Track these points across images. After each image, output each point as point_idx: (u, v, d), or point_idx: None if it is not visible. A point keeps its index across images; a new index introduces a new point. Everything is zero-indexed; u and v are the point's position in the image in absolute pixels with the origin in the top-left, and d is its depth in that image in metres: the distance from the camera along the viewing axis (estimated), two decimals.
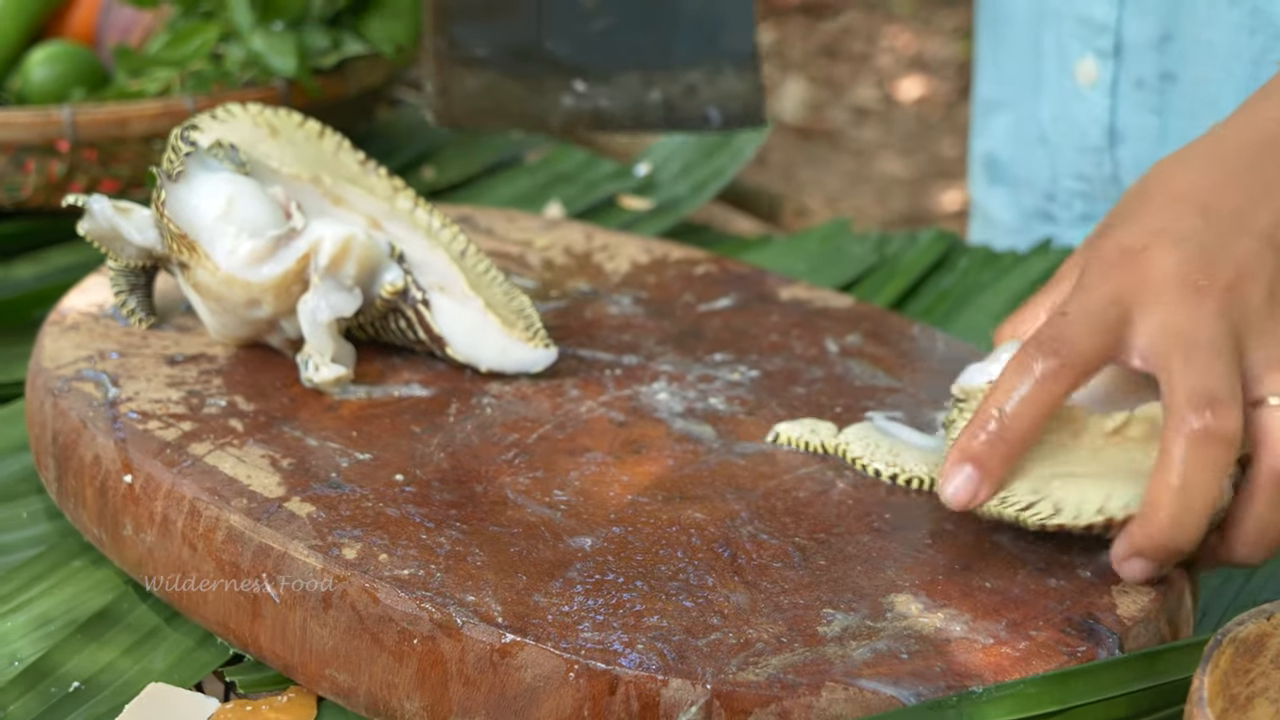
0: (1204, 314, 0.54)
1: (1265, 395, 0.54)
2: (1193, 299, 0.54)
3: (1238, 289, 0.55)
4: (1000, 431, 0.54)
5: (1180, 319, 0.54)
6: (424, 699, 0.52)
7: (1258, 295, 0.55)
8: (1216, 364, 0.53)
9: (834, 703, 0.49)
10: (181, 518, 0.57)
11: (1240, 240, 0.55)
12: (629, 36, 0.81)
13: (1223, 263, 0.55)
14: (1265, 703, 0.49)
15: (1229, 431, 0.52)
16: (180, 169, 0.63)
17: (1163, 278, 0.55)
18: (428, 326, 0.66)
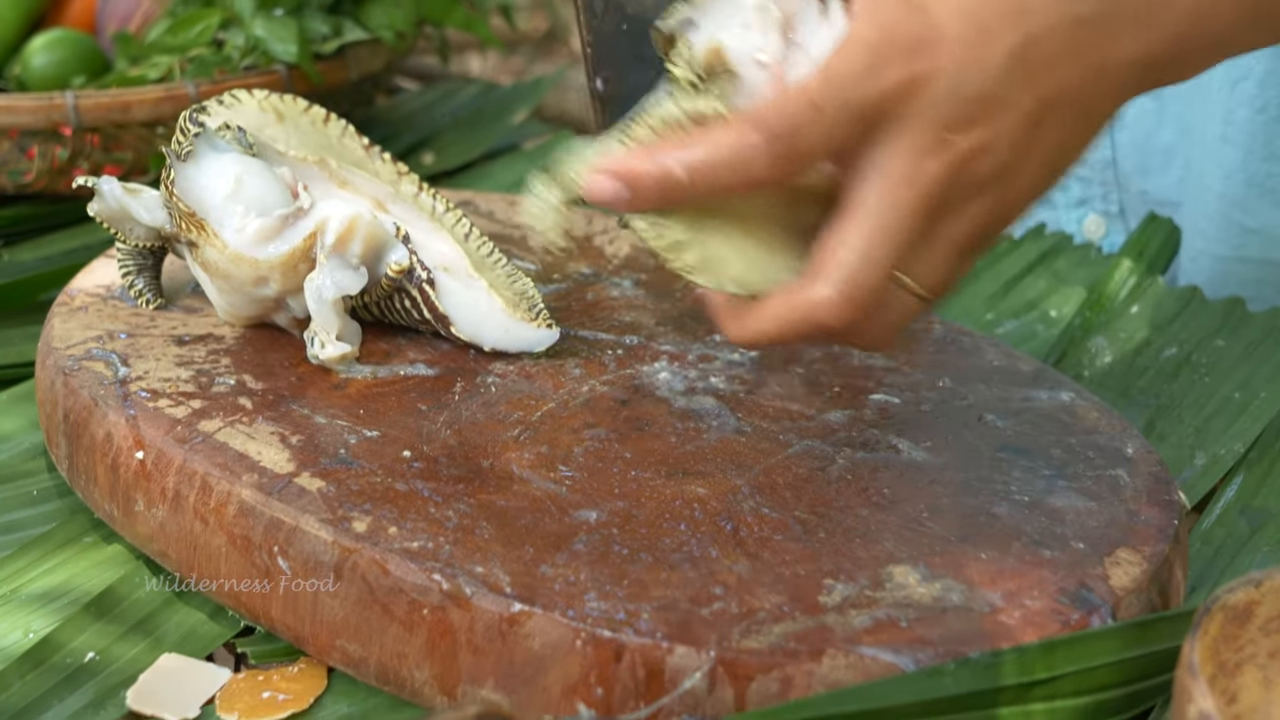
0: (923, 175, 0.50)
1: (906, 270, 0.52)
2: (926, 153, 0.50)
3: (974, 161, 0.50)
4: (670, 185, 0.50)
5: (899, 168, 0.50)
6: (433, 668, 0.53)
7: (986, 170, 0.51)
8: (887, 256, 0.50)
9: (835, 669, 0.50)
10: (193, 493, 0.58)
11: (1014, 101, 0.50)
12: None
13: (979, 123, 0.50)
14: (1253, 669, 0.51)
15: (844, 330, 0.52)
16: (189, 149, 0.64)
17: (919, 111, 0.50)
18: (432, 306, 0.67)
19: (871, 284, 0.51)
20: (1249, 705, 0.50)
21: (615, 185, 0.51)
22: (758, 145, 0.50)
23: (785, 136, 0.50)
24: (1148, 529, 0.59)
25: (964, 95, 0.50)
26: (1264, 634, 0.50)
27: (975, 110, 0.50)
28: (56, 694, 0.56)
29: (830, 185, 0.54)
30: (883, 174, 0.50)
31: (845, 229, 0.51)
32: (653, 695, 0.50)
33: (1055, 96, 0.51)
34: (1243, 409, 0.75)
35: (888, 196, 0.51)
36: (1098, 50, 0.51)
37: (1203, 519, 0.68)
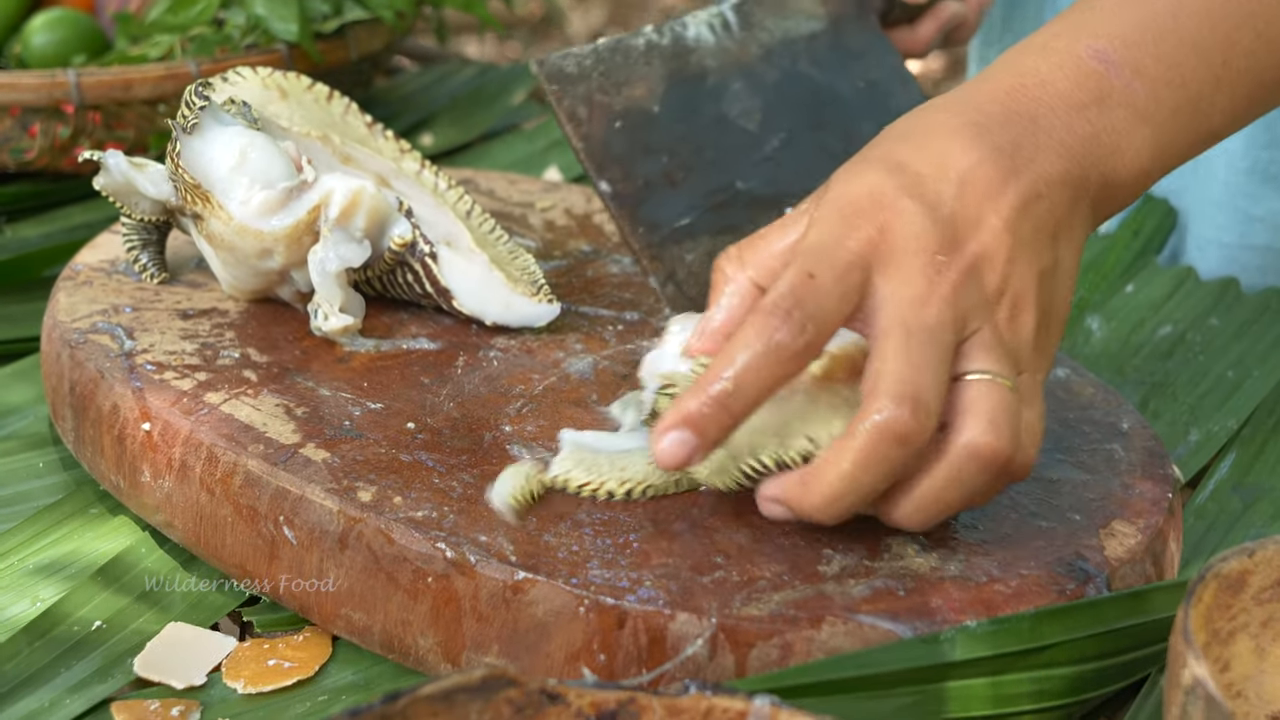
0: (933, 295, 0.52)
1: (966, 370, 0.52)
2: (928, 277, 0.52)
3: (974, 272, 0.53)
4: (725, 400, 0.51)
5: (909, 294, 0.52)
6: (438, 635, 0.54)
7: (990, 280, 0.53)
8: (931, 358, 0.51)
9: (834, 636, 0.51)
10: (200, 463, 0.59)
11: (987, 219, 0.53)
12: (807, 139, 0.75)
13: (965, 240, 0.53)
14: (1246, 637, 0.51)
15: (919, 437, 0.51)
16: (195, 122, 0.65)
17: (905, 244, 0.52)
18: (435, 279, 0.67)
19: (926, 385, 0.51)
20: (1241, 673, 0.51)
21: (681, 434, 0.51)
22: (778, 325, 0.51)
23: (797, 306, 0.51)
24: (1142, 501, 0.60)
25: (938, 220, 0.53)
26: (1257, 603, 0.51)
27: (954, 231, 0.53)
28: (64, 661, 0.56)
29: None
30: (897, 302, 0.52)
31: (882, 349, 0.52)
32: (655, 661, 0.51)
33: (1016, 209, 0.54)
34: (1236, 387, 0.76)
35: (909, 314, 0.52)
36: (1028, 167, 0.55)
37: (1196, 494, 0.69)
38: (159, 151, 0.93)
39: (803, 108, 0.75)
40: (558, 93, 0.70)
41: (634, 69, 0.71)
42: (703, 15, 0.74)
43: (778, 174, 0.73)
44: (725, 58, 0.73)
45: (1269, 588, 0.51)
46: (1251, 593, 0.51)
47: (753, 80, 0.74)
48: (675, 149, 0.71)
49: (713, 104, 0.73)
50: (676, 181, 0.70)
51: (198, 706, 0.54)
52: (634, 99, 0.71)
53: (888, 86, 0.77)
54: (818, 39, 0.76)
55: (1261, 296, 0.84)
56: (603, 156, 0.71)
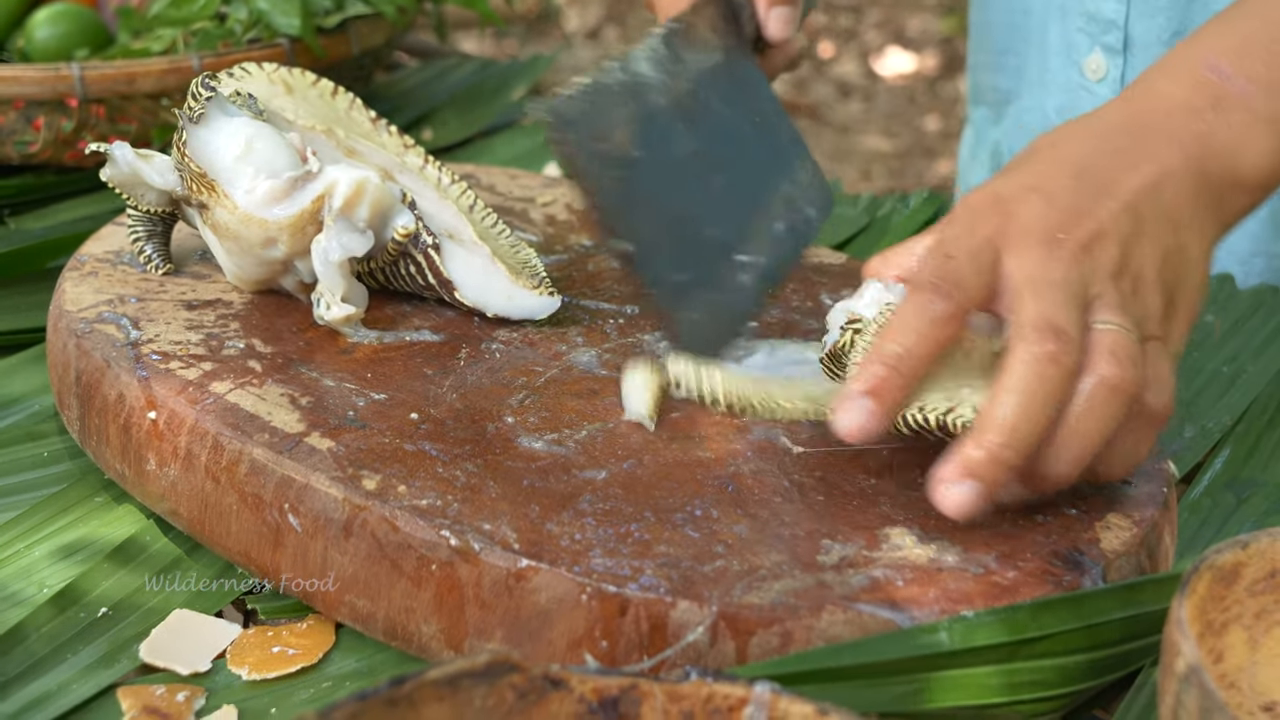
0: (1056, 261, 0.56)
1: (1094, 320, 0.56)
2: (1050, 249, 0.56)
3: (1092, 247, 0.57)
4: (897, 365, 0.55)
5: (1034, 263, 0.56)
6: (441, 622, 0.55)
7: (1108, 255, 0.57)
8: (1062, 299, 0.55)
9: (833, 624, 0.52)
10: (205, 452, 0.59)
11: (1104, 202, 0.58)
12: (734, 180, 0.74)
13: (1084, 221, 0.57)
14: (1239, 629, 0.52)
15: (1068, 360, 0.54)
16: (202, 112, 0.66)
17: (1027, 226, 0.57)
18: (437, 270, 0.68)
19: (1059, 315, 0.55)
20: (1235, 664, 0.52)
21: (862, 402, 0.55)
22: (930, 297, 0.56)
23: (943, 279, 0.56)
24: (1138, 495, 0.60)
25: (1058, 206, 0.58)
26: (1250, 595, 0.52)
27: (1074, 213, 0.58)
28: (71, 647, 0.57)
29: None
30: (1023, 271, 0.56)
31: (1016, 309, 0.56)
32: (656, 648, 0.52)
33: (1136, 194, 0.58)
34: (1231, 383, 0.76)
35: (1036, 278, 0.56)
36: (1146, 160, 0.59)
37: (1191, 489, 0.69)
38: (162, 145, 0.94)
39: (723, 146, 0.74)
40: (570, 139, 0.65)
41: (614, 111, 0.68)
42: (643, 48, 0.72)
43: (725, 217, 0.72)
44: (668, 94, 0.72)
45: (1262, 580, 0.52)
46: (1245, 585, 0.52)
47: (689, 119, 0.72)
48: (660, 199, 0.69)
49: (672, 146, 0.71)
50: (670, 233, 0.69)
51: (203, 692, 0.55)
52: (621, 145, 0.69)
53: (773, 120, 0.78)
54: (719, 72, 0.75)
55: (1256, 293, 0.85)
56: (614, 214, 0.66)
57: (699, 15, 0.75)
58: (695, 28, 0.75)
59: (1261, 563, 0.52)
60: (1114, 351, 0.55)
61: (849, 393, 0.56)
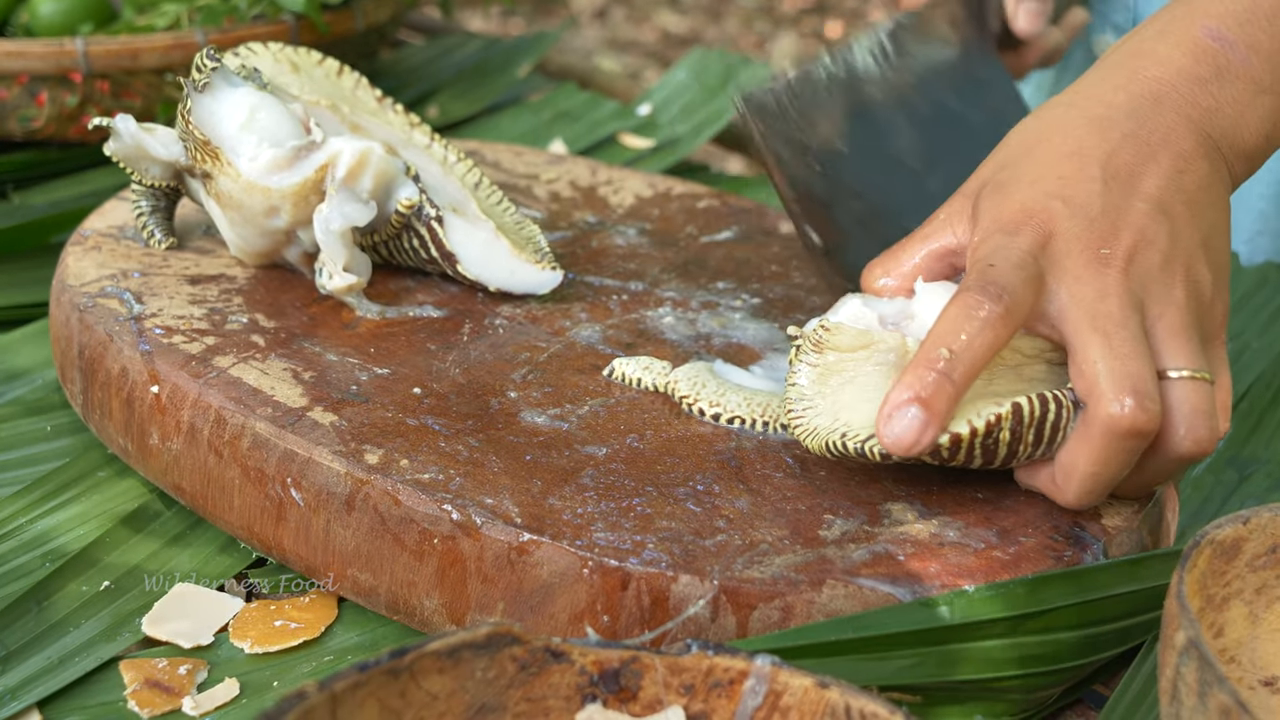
0: (1110, 285, 0.54)
1: (1166, 368, 0.55)
2: (1098, 269, 0.55)
3: (1137, 256, 0.55)
4: (948, 372, 0.53)
5: (1089, 291, 0.54)
6: (443, 596, 0.55)
7: (1155, 260, 0.55)
8: (1137, 349, 0.54)
9: (834, 598, 0.52)
10: (208, 426, 0.60)
11: (1134, 204, 0.56)
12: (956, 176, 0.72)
13: (1122, 229, 0.56)
14: (1240, 604, 0.52)
15: (1149, 426, 0.53)
16: (206, 81, 0.66)
17: (1067, 246, 0.55)
18: (440, 243, 0.68)
19: (1141, 374, 0.54)
20: (1235, 639, 0.52)
21: (912, 410, 0.53)
22: (980, 300, 0.54)
23: (991, 283, 0.54)
24: None
25: (1093, 217, 0.56)
26: (1251, 570, 0.52)
27: (1111, 223, 0.56)
28: (73, 620, 0.57)
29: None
30: (1077, 300, 0.55)
31: (1082, 354, 0.54)
32: (657, 622, 0.52)
33: (1161, 189, 0.57)
34: (1234, 360, 0.76)
35: (1094, 309, 0.54)
36: (1162, 147, 0.58)
37: (1193, 467, 0.69)
38: (167, 119, 0.94)
39: (950, 142, 0.74)
40: (764, 130, 0.68)
41: (821, 102, 0.70)
42: (865, 42, 0.73)
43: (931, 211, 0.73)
44: (888, 89, 0.72)
45: (1263, 555, 0.52)
46: (1246, 559, 0.52)
47: (911, 113, 0.73)
48: (864, 192, 0.71)
49: (885, 141, 0.72)
50: (869, 227, 0.70)
51: (205, 665, 0.55)
52: (824, 137, 0.69)
53: (1008, 114, 0.77)
54: (954, 68, 0.76)
55: (1260, 270, 0.84)
56: (808, 202, 0.68)
57: (937, 9, 0.75)
58: (930, 21, 0.75)
59: (1262, 538, 0.51)
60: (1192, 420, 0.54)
61: (894, 401, 0.53)
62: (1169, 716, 0.45)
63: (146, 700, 0.53)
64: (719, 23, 3.28)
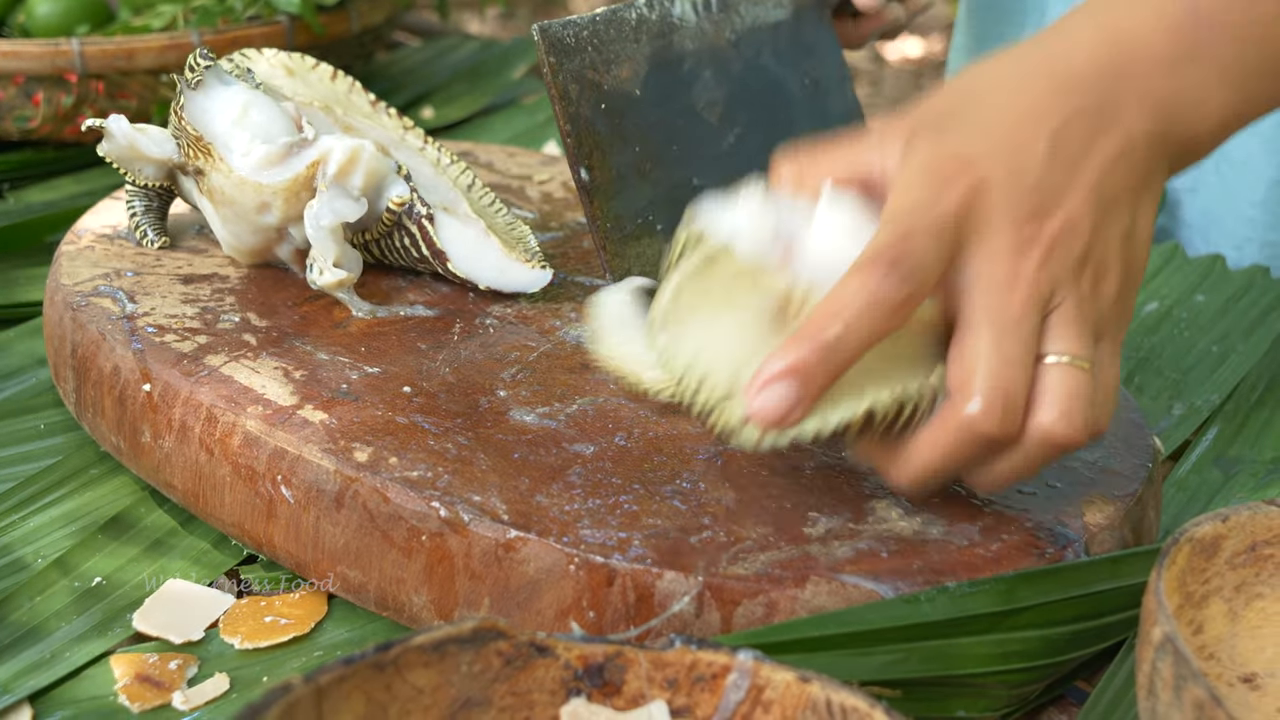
0: (1022, 274, 0.52)
1: (1048, 352, 0.53)
2: (1017, 252, 0.52)
3: (1059, 246, 0.53)
4: (833, 350, 0.50)
5: (1000, 275, 0.52)
6: (431, 592, 0.55)
7: (1075, 250, 0.53)
8: (1020, 351, 0.52)
9: (818, 595, 0.52)
10: (199, 424, 0.60)
11: (1073, 186, 0.53)
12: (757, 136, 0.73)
13: (1054, 211, 0.53)
14: (1219, 601, 0.53)
15: (1006, 434, 0.52)
16: (199, 78, 0.66)
17: (994, 214, 0.52)
18: (430, 241, 0.68)
19: (1017, 384, 0.52)
20: (1214, 635, 0.52)
21: (785, 385, 0.50)
22: (881, 278, 0.51)
23: (898, 261, 0.51)
24: (1122, 470, 0.61)
25: (1025, 188, 0.53)
26: (1230, 568, 0.52)
27: (1042, 199, 0.53)
28: (65, 615, 0.57)
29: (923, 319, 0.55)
30: (985, 282, 0.53)
31: (969, 341, 0.52)
32: (643, 618, 0.52)
33: (1102, 175, 0.54)
34: (1220, 361, 0.77)
35: (997, 299, 0.52)
36: (1114, 129, 0.55)
37: (1178, 466, 0.70)
38: (162, 120, 0.94)
39: (757, 103, 0.73)
40: (554, 65, 0.69)
41: (624, 46, 0.70)
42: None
43: (728, 171, 0.71)
44: (702, 40, 0.72)
45: (1242, 552, 0.52)
46: (1225, 557, 0.52)
47: (721, 68, 0.72)
48: (648, 138, 0.70)
49: (685, 92, 0.71)
50: (644, 173, 0.69)
51: (195, 661, 0.56)
52: (620, 80, 0.70)
53: (828, 86, 0.76)
54: (780, 29, 0.75)
55: (1247, 273, 0.85)
56: (588, 141, 0.69)
57: None
58: None
59: (1242, 536, 0.52)
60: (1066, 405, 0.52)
61: (770, 371, 0.50)
62: (1146, 711, 0.46)
63: (137, 695, 0.54)
64: None
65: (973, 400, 0.52)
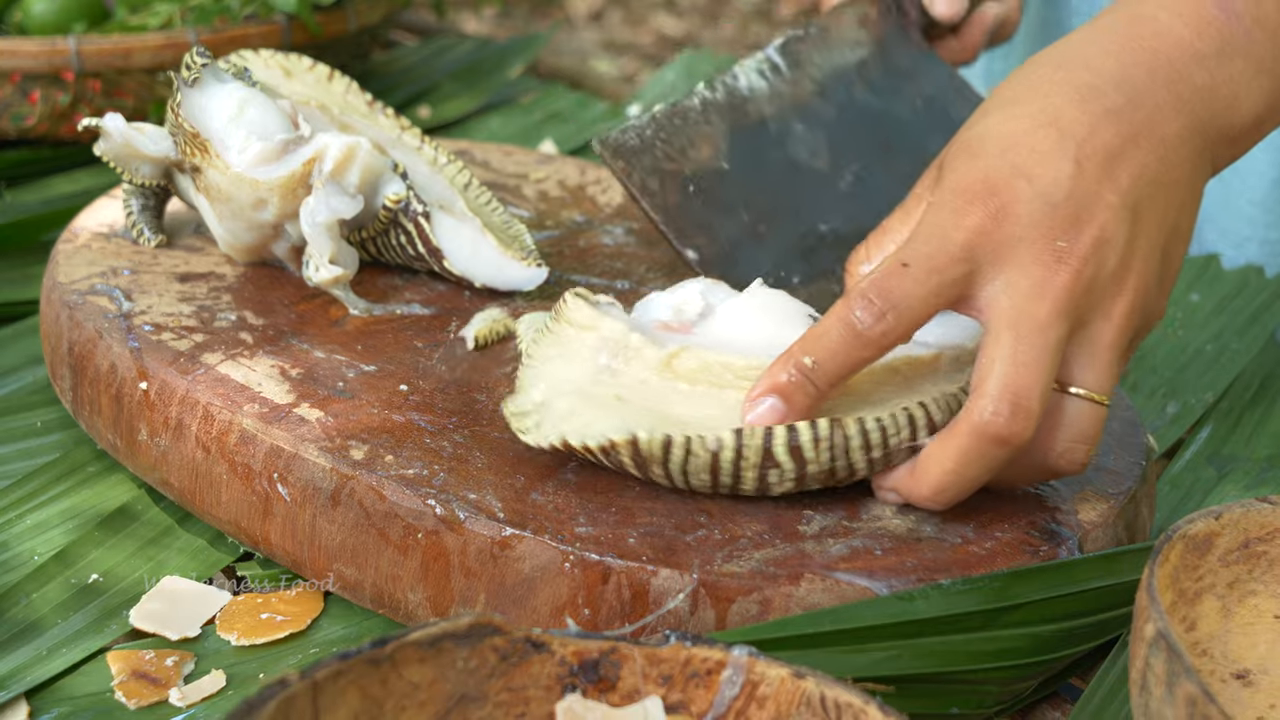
0: (1052, 287, 0.52)
1: (1072, 382, 0.53)
2: (1049, 263, 0.52)
3: (1093, 257, 0.52)
4: (809, 374, 0.53)
5: (1029, 284, 0.52)
6: (427, 590, 0.55)
7: (1110, 263, 0.52)
8: (1041, 361, 0.52)
9: (812, 592, 0.52)
10: (196, 422, 0.60)
11: (1103, 196, 0.53)
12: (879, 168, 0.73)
13: (1085, 224, 0.52)
14: (1212, 598, 0.53)
15: (1019, 439, 0.52)
16: (196, 76, 0.66)
17: (1023, 230, 0.52)
18: (426, 238, 0.69)
19: (1029, 388, 0.52)
20: (1207, 632, 0.53)
21: (770, 401, 0.53)
22: (859, 309, 0.52)
23: (881, 294, 0.52)
24: (1116, 469, 0.61)
25: (1056, 203, 0.53)
26: (1223, 564, 0.53)
27: (1074, 213, 0.52)
28: (61, 612, 0.58)
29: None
30: (1012, 291, 0.52)
31: (990, 349, 0.53)
32: (638, 615, 0.53)
33: (1135, 181, 0.53)
34: (1214, 360, 0.77)
35: (1024, 310, 0.52)
36: (1145, 130, 0.54)
37: (1172, 464, 0.70)
38: (158, 119, 0.94)
39: (867, 136, 0.74)
40: (625, 169, 0.69)
41: (695, 130, 0.71)
42: (749, 63, 0.73)
43: (857, 208, 0.72)
44: (781, 101, 0.72)
45: (1235, 550, 0.52)
46: (1218, 554, 0.52)
47: (812, 118, 0.73)
48: (753, 202, 0.71)
49: (779, 150, 0.72)
50: (761, 235, 0.70)
51: (191, 657, 0.56)
52: (702, 160, 0.70)
53: (945, 99, 0.77)
54: (867, 65, 0.75)
55: (1240, 273, 0.85)
56: (684, 224, 0.69)
57: (844, 12, 0.76)
58: (834, 27, 0.75)
59: (1235, 533, 0.52)
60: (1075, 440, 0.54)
61: (756, 388, 0.54)
62: (1139, 707, 0.46)
63: (134, 691, 0.54)
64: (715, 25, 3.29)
65: (984, 400, 0.52)
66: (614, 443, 0.54)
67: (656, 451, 0.54)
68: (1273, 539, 0.53)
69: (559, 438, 0.55)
